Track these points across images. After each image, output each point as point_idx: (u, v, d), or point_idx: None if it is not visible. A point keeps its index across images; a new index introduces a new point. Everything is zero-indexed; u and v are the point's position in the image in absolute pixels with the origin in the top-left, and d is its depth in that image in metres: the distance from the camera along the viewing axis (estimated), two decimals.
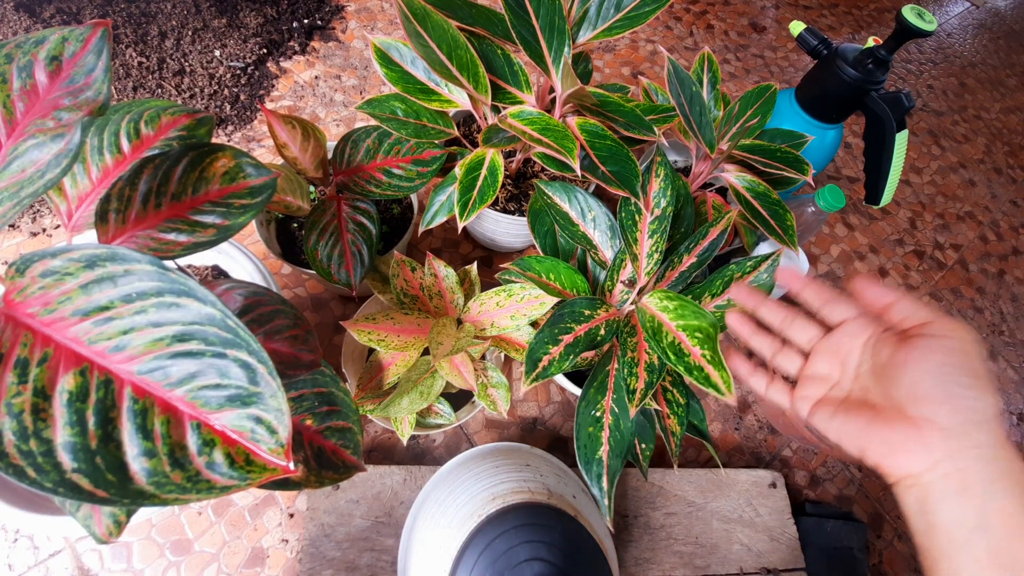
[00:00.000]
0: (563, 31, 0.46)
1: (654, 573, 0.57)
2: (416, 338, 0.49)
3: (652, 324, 0.41)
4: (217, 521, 0.55)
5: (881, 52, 0.61)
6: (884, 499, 0.70)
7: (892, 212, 0.98)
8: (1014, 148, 1.17)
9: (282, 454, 0.20)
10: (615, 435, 0.41)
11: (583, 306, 0.43)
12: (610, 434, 0.41)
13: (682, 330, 0.40)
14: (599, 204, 0.49)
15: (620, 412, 0.42)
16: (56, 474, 0.18)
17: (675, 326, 0.40)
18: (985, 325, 0.89)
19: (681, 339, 0.39)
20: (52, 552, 0.51)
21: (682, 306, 0.41)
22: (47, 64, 0.25)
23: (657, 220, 0.45)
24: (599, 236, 0.49)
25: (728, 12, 1.22)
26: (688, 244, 0.46)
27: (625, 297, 0.47)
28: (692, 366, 0.37)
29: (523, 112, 0.48)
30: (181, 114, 0.35)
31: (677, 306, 0.41)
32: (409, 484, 0.57)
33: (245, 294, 0.31)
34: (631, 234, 0.45)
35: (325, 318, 0.67)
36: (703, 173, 0.59)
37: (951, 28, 1.41)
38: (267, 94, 0.84)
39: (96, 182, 0.32)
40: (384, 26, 0.98)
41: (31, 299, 0.20)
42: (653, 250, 0.44)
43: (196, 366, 0.20)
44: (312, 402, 0.34)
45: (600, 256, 0.49)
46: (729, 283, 0.46)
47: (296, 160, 0.49)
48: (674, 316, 0.41)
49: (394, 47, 0.52)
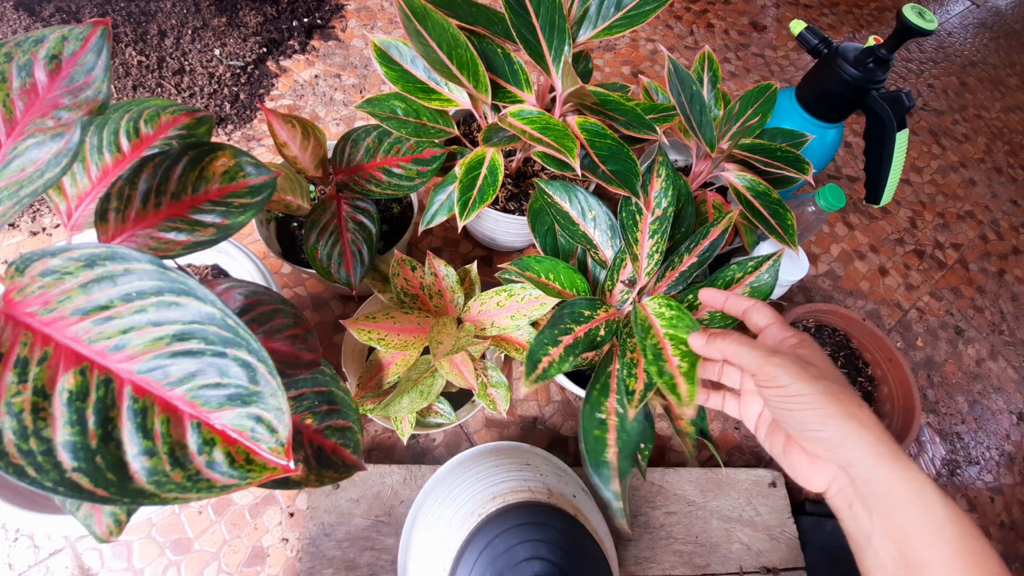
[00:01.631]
0: (563, 30, 0.46)
1: (654, 572, 0.57)
2: (416, 337, 0.49)
3: (644, 324, 0.41)
4: (217, 520, 0.55)
5: (882, 51, 0.61)
6: None
7: (892, 211, 0.98)
8: (1014, 147, 1.17)
9: (282, 453, 0.20)
10: (622, 436, 0.41)
11: (583, 306, 0.43)
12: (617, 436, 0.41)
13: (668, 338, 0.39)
14: (600, 203, 0.49)
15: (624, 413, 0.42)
16: (56, 473, 0.18)
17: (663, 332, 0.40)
18: (985, 324, 0.89)
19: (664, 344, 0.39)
20: (52, 551, 0.51)
21: (678, 317, 0.40)
22: (47, 63, 0.25)
23: (658, 220, 0.44)
24: (599, 236, 0.49)
25: (728, 11, 1.21)
26: (689, 244, 0.46)
27: (625, 297, 0.47)
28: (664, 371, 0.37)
29: (523, 111, 0.48)
30: (181, 113, 0.35)
31: (673, 315, 0.41)
32: (409, 483, 0.57)
33: (245, 293, 0.31)
34: (632, 234, 0.44)
35: (325, 317, 0.67)
36: (703, 172, 0.59)
37: (952, 27, 1.40)
38: (267, 93, 0.84)
39: (96, 181, 0.31)
40: (384, 25, 0.97)
41: (31, 298, 0.20)
42: (654, 250, 0.44)
43: (196, 365, 0.20)
44: (312, 401, 0.34)
45: (600, 256, 0.49)
46: (730, 284, 0.45)
47: (296, 159, 0.49)
48: (666, 324, 0.40)
49: (394, 46, 0.52)
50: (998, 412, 0.81)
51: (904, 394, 0.67)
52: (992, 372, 0.85)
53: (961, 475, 0.75)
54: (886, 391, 0.69)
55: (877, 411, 0.69)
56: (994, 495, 0.74)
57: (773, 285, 0.44)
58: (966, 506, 0.72)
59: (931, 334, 0.86)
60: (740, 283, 0.45)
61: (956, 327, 0.87)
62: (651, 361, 0.37)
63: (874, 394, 0.71)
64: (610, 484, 0.39)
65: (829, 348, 0.71)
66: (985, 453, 0.77)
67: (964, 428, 0.79)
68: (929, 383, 0.81)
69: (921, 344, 0.84)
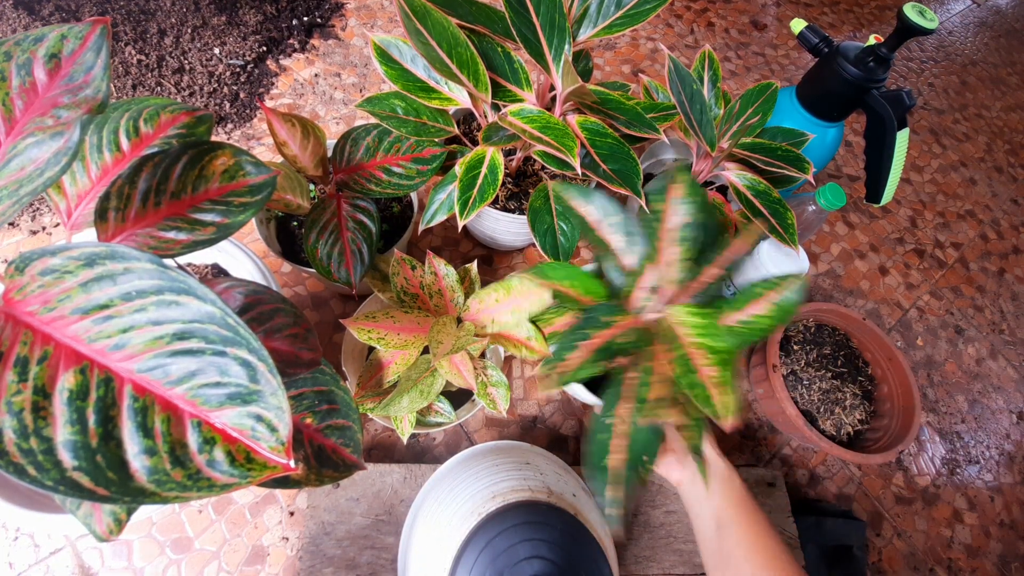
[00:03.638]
0: (564, 29, 0.46)
1: (653, 571, 0.57)
2: (416, 336, 0.49)
3: (669, 334, 0.40)
4: (217, 519, 0.55)
5: (882, 50, 0.61)
6: (883, 497, 0.70)
7: (893, 210, 0.98)
8: (1015, 146, 1.17)
9: (282, 452, 0.20)
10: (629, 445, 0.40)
11: (603, 312, 0.43)
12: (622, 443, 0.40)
13: (696, 347, 0.39)
14: (619, 208, 0.48)
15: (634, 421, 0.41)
16: (56, 472, 0.18)
17: (689, 341, 0.40)
18: (985, 323, 0.89)
19: (691, 354, 0.39)
20: (53, 550, 0.51)
21: (708, 325, 0.40)
22: (46, 62, 0.25)
23: (679, 228, 0.43)
24: (617, 241, 0.48)
25: (729, 10, 1.21)
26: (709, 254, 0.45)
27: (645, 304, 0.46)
28: (695, 382, 0.37)
29: (523, 110, 0.48)
30: (180, 112, 0.35)
31: (703, 324, 0.40)
32: (409, 482, 0.57)
33: (245, 292, 0.31)
34: (653, 241, 0.44)
35: (325, 316, 0.67)
36: (704, 171, 0.59)
37: (952, 26, 1.40)
38: (267, 92, 0.84)
39: (95, 180, 0.31)
40: (384, 24, 0.97)
41: (31, 297, 0.20)
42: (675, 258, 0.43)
43: (196, 364, 0.20)
44: (312, 400, 0.34)
45: (619, 262, 0.48)
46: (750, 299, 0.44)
47: (296, 158, 0.49)
48: (695, 332, 0.40)
49: (394, 45, 0.52)
50: (998, 411, 0.81)
51: (904, 393, 0.67)
52: (992, 371, 0.85)
53: (961, 474, 0.75)
54: (886, 390, 0.69)
55: (877, 410, 0.69)
56: (994, 494, 0.74)
57: (798, 303, 0.43)
58: (966, 505, 0.72)
59: (931, 333, 0.86)
60: (762, 299, 0.44)
61: (956, 326, 0.87)
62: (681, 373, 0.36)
63: (874, 393, 0.71)
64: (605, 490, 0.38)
65: (829, 347, 0.71)
66: (985, 452, 0.77)
67: (964, 427, 0.79)
68: (929, 382, 0.81)
69: (921, 343, 0.84)
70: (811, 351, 0.70)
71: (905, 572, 0.66)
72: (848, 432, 0.67)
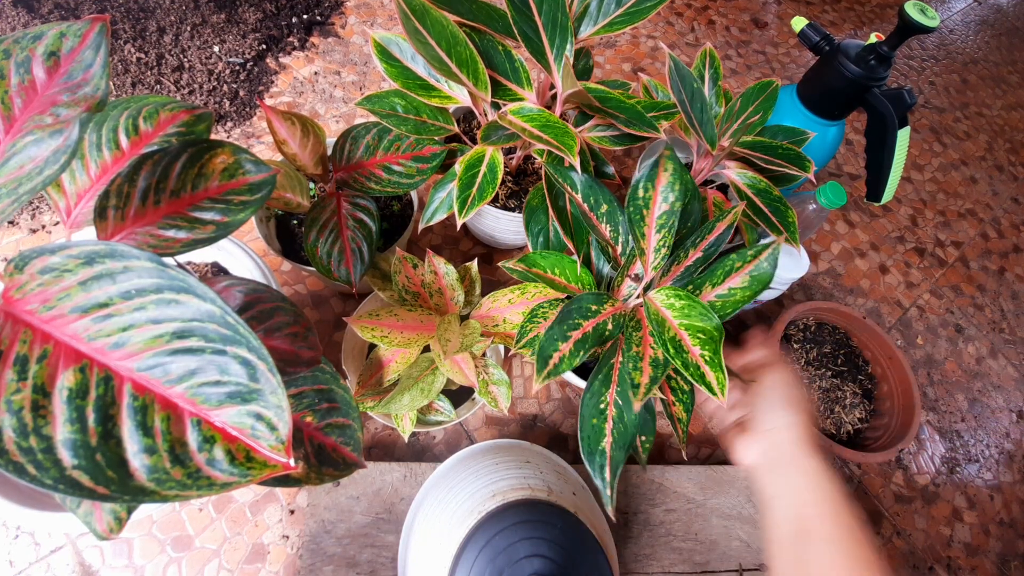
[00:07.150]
0: (566, 27, 0.46)
1: (653, 569, 0.57)
2: (418, 334, 0.49)
3: (656, 318, 0.41)
4: (218, 517, 0.55)
5: (883, 48, 0.61)
6: (883, 496, 0.70)
7: (893, 209, 0.98)
8: (1015, 145, 1.17)
9: (282, 451, 0.20)
10: (618, 427, 0.41)
11: (590, 301, 0.43)
12: (614, 426, 0.42)
13: (684, 328, 0.40)
14: (611, 198, 0.49)
15: (624, 405, 0.42)
16: (56, 471, 0.18)
17: (677, 324, 0.41)
18: (985, 323, 0.89)
19: (682, 336, 0.40)
20: (53, 548, 0.51)
21: (689, 306, 0.41)
22: (45, 60, 0.25)
23: (665, 215, 0.44)
24: (609, 230, 0.49)
25: (729, 8, 1.21)
26: (695, 239, 0.45)
27: (631, 291, 0.47)
28: (689, 363, 0.38)
29: (523, 108, 0.48)
30: (180, 110, 0.35)
31: (684, 305, 0.42)
32: (409, 481, 0.57)
33: (245, 291, 0.31)
34: (639, 228, 0.44)
35: (325, 315, 0.67)
36: (704, 170, 0.59)
37: (953, 24, 1.40)
38: (266, 90, 0.84)
39: (95, 178, 0.31)
40: (384, 21, 0.97)
41: (30, 296, 0.20)
42: (660, 244, 0.44)
43: (196, 363, 0.20)
44: (312, 399, 0.34)
45: (609, 251, 0.48)
46: (730, 272, 0.45)
47: (295, 156, 0.49)
48: (679, 315, 0.41)
49: (394, 42, 0.52)
50: (998, 410, 0.81)
51: (904, 392, 0.67)
52: (992, 370, 0.85)
53: (960, 473, 0.75)
54: (886, 389, 0.69)
55: (877, 409, 0.69)
56: (993, 493, 0.74)
57: (772, 274, 0.44)
58: (965, 504, 0.72)
59: (931, 332, 0.86)
60: (740, 272, 0.45)
61: (956, 325, 0.87)
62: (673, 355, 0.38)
63: (874, 392, 0.71)
64: (602, 472, 0.40)
65: (829, 346, 0.71)
66: (985, 451, 0.77)
67: (964, 426, 0.79)
68: (929, 381, 0.81)
69: (921, 342, 0.84)
70: (811, 350, 0.70)
71: (905, 571, 0.66)
72: (848, 431, 0.67)
